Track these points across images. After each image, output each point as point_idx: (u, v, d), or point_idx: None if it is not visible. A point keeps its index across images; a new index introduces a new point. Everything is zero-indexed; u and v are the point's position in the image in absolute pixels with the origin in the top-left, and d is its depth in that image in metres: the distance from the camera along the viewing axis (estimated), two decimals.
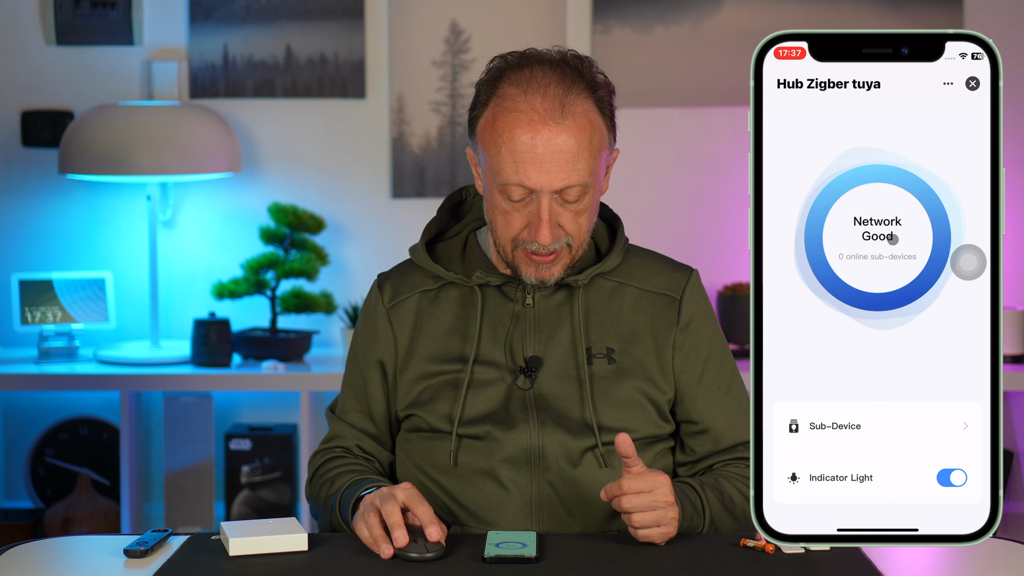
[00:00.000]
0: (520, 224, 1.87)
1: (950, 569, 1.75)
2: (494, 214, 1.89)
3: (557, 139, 1.82)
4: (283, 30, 3.85)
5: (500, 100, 1.85)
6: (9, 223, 3.88)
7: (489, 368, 1.92)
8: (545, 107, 1.82)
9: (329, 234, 3.85)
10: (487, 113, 1.87)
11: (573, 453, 1.89)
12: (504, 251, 1.90)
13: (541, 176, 1.82)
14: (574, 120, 1.82)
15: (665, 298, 1.95)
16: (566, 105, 1.82)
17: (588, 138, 1.83)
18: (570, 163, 1.82)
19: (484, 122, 1.87)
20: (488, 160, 1.87)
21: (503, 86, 1.86)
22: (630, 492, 1.73)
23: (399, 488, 1.75)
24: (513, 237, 1.88)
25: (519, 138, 1.82)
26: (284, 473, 3.76)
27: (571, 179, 1.83)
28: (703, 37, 3.85)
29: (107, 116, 3.58)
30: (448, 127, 3.87)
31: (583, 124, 1.83)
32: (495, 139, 1.85)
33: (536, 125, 1.82)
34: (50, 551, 1.83)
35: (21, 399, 3.90)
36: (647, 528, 1.74)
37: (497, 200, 1.87)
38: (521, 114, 1.82)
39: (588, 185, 1.85)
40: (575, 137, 1.82)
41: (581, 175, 1.83)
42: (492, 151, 1.85)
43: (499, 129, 1.84)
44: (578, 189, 1.84)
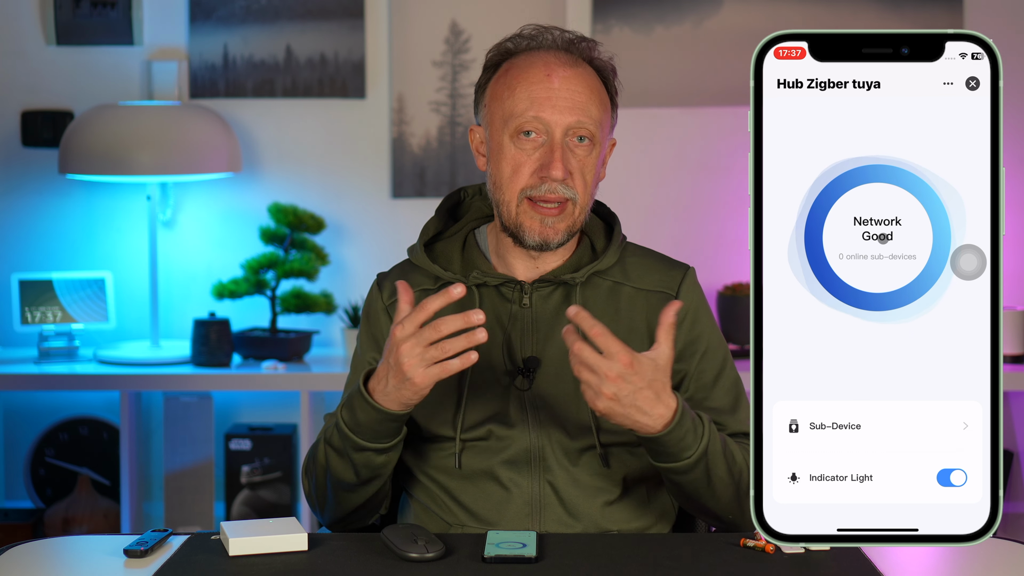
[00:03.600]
0: (530, 170, 1.88)
1: (950, 569, 1.75)
2: (502, 168, 1.90)
3: (571, 79, 1.90)
4: (283, 30, 3.85)
5: (513, 58, 1.94)
6: (9, 223, 3.88)
7: (488, 369, 1.92)
8: (558, 57, 1.92)
9: (329, 234, 3.85)
10: (499, 71, 1.95)
11: (572, 453, 1.89)
12: (509, 212, 1.90)
13: (555, 111, 1.88)
14: (585, 69, 1.92)
15: (661, 295, 1.96)
16: (577, 61, 1.92)
17: (597, 91, 1.92)
18: (583, 103, 1.89)
19: (496, 78, 1.94)
20: (501, 107, 1.91)
21: (512, 55, 1.95)
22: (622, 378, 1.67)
23: None
24: (522, 187, 1.88)
25: (535, 76, 1.90)
26: (284, 473, 3.76)
27: (583, 117, 1.89)
28: (703, 37, 3.85)
29: (107, 116, 3.58)
30: (448, 127, 3.87)
31: (593, 77, 1.93)
32: (509, 84, 1.91)
33: (552, 66, 1.91)
34: (50, 551, 1.83)
35: (21, 399, 3.90)
36: (608, 402, 1.69)
37: (507, 149, 1.90)
38: (537, 57, 1.92)
39: (595, 136, 1.90)
40: (587, 83, 1.91)
41: (592, 117, 1.89)
42: (506, 95, 1.91)
43: (513, 75, 1.92)
44: (588, 131, 1.89)
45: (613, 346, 1.68)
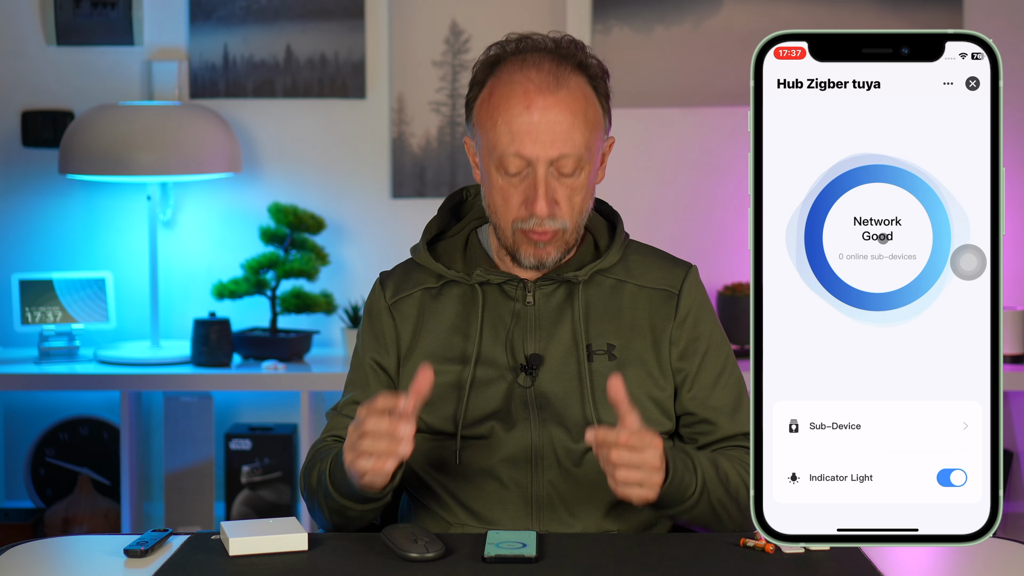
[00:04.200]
0: (518, 201, 1.88)
1: (950, 569, 1.75)
2: (493, 196, 1.90)
3: (552, 109, 1.85)
4: (283, 30, 3.85)
5: (496, 78, 1.90)
6: (9, 223, 3.88)
7: (490, 367, 1.92)
8: (540, 79, 1.86)
9: (329, 234, 3.86)
10: (484, 92, 1.91)
11: (574, 452, 1.89)
12: (505, 236, 1.91)
13: (536, 146, 1.85)
14: (569, 92, 1.86)
15: (663, 293, 1.96)
16: (560, 78, 1.87)
17: (583, 111, 1.87)
18: (565, 133, 1.85)
19: (481, 101, 1.91)
20: (485, 136, 1.89)
21: (499, 67, 1.90)
22: (624, 445, 1.72)
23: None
24: (513, 218, 1.88)
25: (515, 108, 1.86)
26: (284, 473, 3.76)
27: (566, 148, 1.85)
28: (703, 37, 3.85)
29: (107, 116, 3.58)
30: (448, 127, 3.87)
31: (578, 96, 1.87)
32: (491, 113, 1.88)
33: (532, 95, 1.86)
34: (50, 551, 1.83)
35: (21, 399, 3.90)
36: (629, 486, 1.73)
37: (495, 178, 1.88)
38: (517, 86, 1.87)
39: (583, 159, 1.87)
40: (570, 108, 1.86)
41: (576, 145, 1.86)
42: (489, 125, 1.88)
43: (495, 103, 1.88)
44: (573, 160, 1.86)
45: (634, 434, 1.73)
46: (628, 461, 1.72)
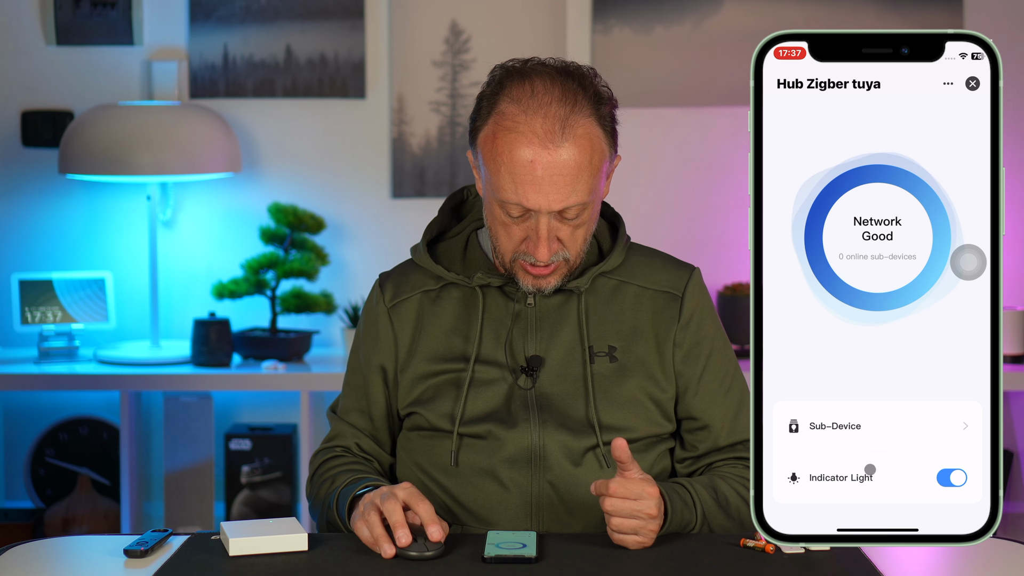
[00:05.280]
0: (519, 237, 1.87)
1: (950, 569, 1.75)
2: (494, 224, 1.90)
3: (557, 162, 1.81)
4: (283, 30, 3.85)
5: (500, 117, 1.84)
6: (9, 223, 3.88)
7: (490, 368, 1.92)
8: (545, 128, 1.81)
9: (329, 234, 3.85)
10: (487, 128, 1.86)
11: (574, 453, 1.89)
12: (503, 260, 1.91)
13: (540, 197, 1.82)
14: (575, 141, 1.81)
15: (667, 295, 1.96)
16: (567, 127, 1.81)
17: (588, 158, 1.83)
18: (569, 185, 1.82)
19: (484, 136, 1.87)
20: (488, 175, 1.87)
21: (503, 102, 1.84)
22: (616, 496, 1.73)
23: (399, 487, 1.75)
24: (513, 250, 1.88)
25: (518, 159, 1.81)
26: (284, 473, 3.76)
27: (570, 200, 1.83)
28: (703, 37, 3.85)
29: (107, 116, 3.58)
30: (448, 127, 3.87)
31: (583, 145, 1.82)
32: (495, 157, 1.84)
33: (536, 147, 1.81)
34: (50, 551, 1.83)
35: (21, 399, 3.90)
36: (624, 534, 1.75)
37: (496, 212, 1.88)
38: (521, 135, 1.82)
39: (587, 203, 1.85)
40: (575, 159, 1.81)
41: (580, 195, 1.83)
42: (492, 168, 1.85)
43: (499, 148, 1.83)
44: (577, 208, 1.84)
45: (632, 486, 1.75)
46: (622, 510, 1.73)
